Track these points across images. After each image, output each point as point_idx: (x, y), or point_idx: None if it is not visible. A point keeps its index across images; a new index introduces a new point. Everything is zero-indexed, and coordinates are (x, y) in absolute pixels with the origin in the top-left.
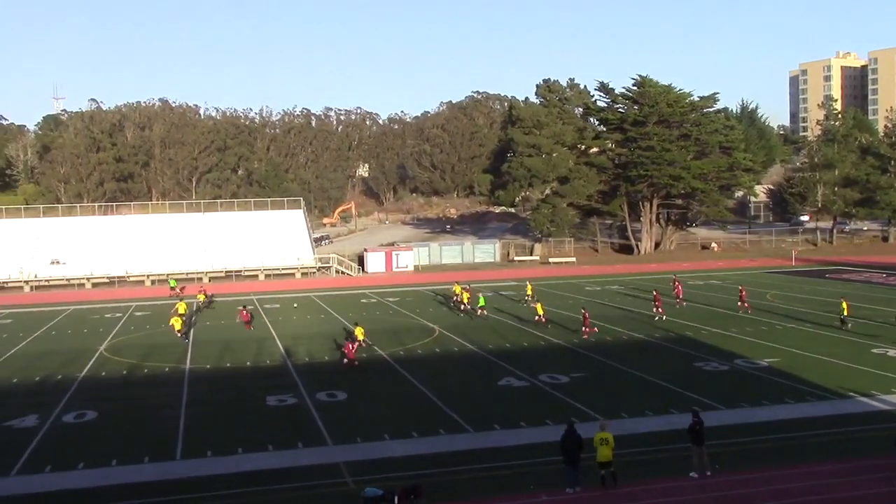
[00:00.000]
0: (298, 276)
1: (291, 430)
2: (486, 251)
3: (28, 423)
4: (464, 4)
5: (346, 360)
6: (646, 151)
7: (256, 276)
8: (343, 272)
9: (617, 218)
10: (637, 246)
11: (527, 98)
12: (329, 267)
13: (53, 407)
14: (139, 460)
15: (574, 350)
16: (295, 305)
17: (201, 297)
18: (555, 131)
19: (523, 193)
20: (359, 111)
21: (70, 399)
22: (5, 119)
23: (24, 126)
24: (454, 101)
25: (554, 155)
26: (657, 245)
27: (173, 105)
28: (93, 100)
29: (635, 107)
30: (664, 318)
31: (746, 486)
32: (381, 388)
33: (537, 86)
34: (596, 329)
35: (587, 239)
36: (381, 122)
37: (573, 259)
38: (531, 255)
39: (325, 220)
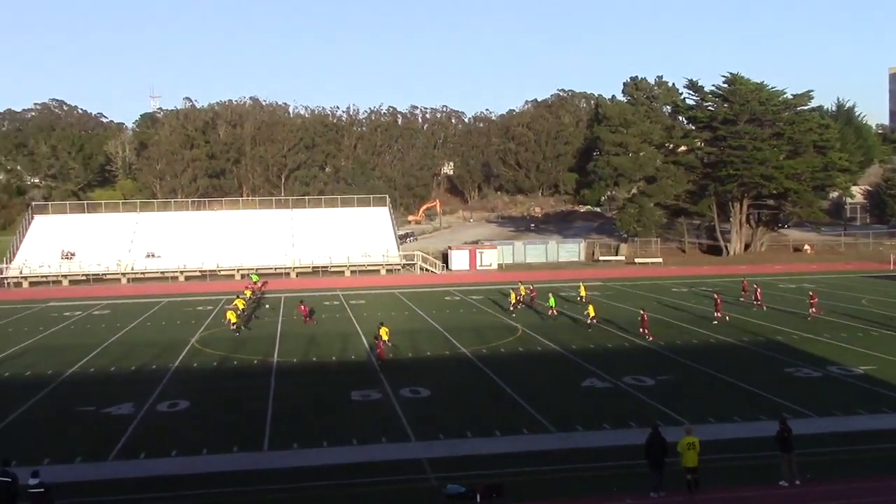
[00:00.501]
0: (383, 272)
1: (375, 426)
2: (570, 250)
3: (124, 410)
4: (548, 2)
5: (379, 360)
6: (736, 150)
7: (342, 272)
8: (427, 269)
9: (705, 218)
10: (726, 247)
11: (613, 96)
12: (413, 264)
13: (148, 395)
14: (228, 450)
15: (660, 352)
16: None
17: (248, 293)
18: (642, 130)
19: (609, 193)
20: (444, 109)
21: (164, 388)
22: (105, 117)
23: (123, 124)
24: (539, 100)
25: (641, 154)
26: (747, 246)
27: (264, 103)
28: (187, 98)
29: (725, 105)
30: (726, 318)
31: (838, 498)
32: (464, 386)
33: (624, 83)
34: (650, 336)
35: (674, 239)
36: (466, 120)
37: (660, 260)
38: (616, 255)
39: (411, 218)
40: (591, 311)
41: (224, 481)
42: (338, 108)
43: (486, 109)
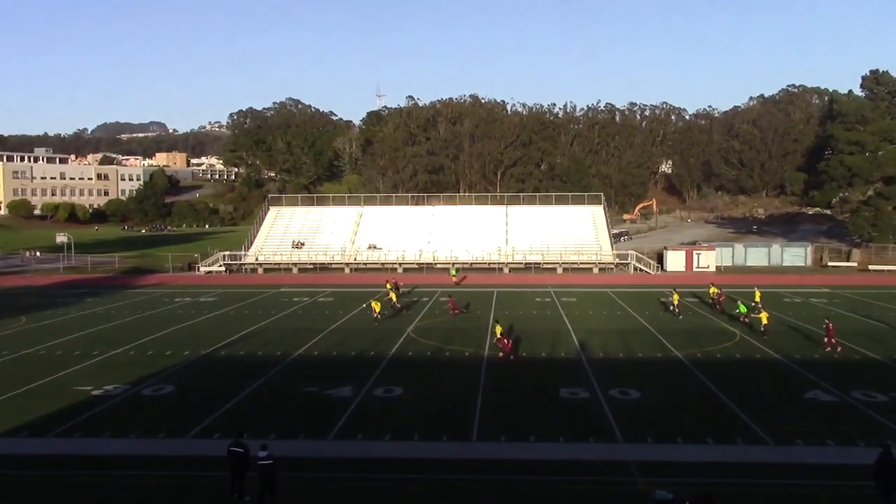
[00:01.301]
0: (596, 270)
1: (582, 424)
2: (795, 254)
3: (344, 393)
4: None
5: (501, 354)
6: None
7: (554, 269)
8: (641, 269)
9: None
10: None
11: (850, 91)
12: (627, 263)
13: (366, 380)
14: (438, 438)
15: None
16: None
17: (388, 286)
18: (882, 127)
19: (841, 194)
20: (664, 106)
21: (381, 374)
22: (335, 115)
23: (351, 121)
24: (766, 95)
25: (879, 153)
26: None
27: (483, 101)
28: (410, 97)
29: None
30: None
31: None
32: (676, 390)
33: (863, 77)
34: (839, 346)
35: None
36: (687, 117)
37: None
38: (848, 260)
39: (626, 216)
40: (763, 318)
41: (432, 468)
42: (555, 105)
43: (709, 106)
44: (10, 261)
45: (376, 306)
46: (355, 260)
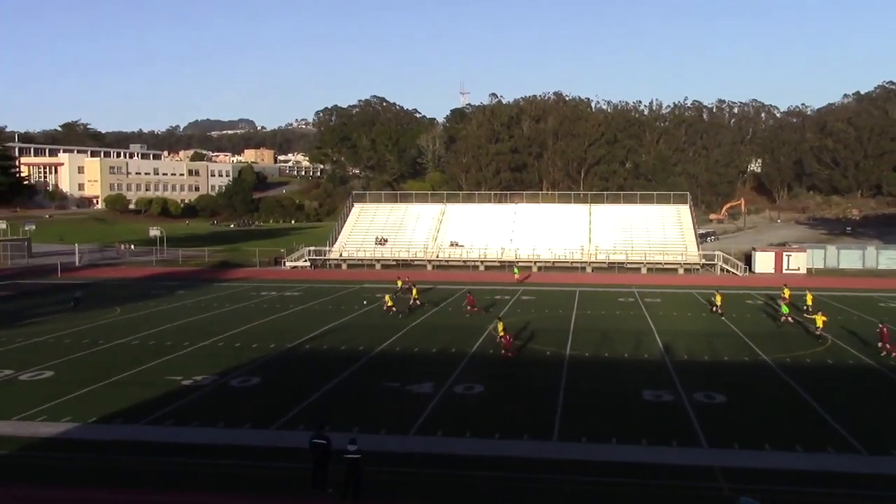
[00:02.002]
0: (681, 271)
1: (666, 427)
2: (892, 257)
3: (425, 389)
4: None
5: (504, 352)
6: None
7: (638, 268)
8: (728, 270)
9: None
10: None
11: None
12: (713, 264)
13: (447, 377)
14: (518, 436)
15: None
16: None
17: (399, 283)
18: None
19: None
20: (754, 103)
21: (461, 371)
22: (419, 113)
23: (434, 119)
24: (863, 93)
25: None
26: None
27: (567, 98)
28: (493, 94)
29: None
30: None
31: None
32: (764, 395)
33: None
34: (894, 353)
35: None
36: (778, 115)
37: None
38: None
39: (712, 216)
40: (818, 321)
41: (513, 467)
42: (640, 102)
43: (802, 104)
44: (106, 253)
45: (388, 300)
46: (437, 257)
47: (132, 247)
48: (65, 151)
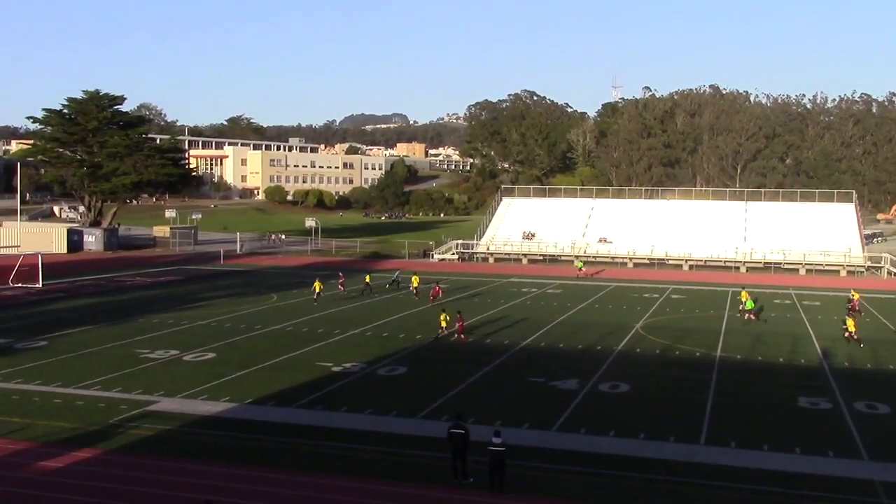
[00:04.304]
0: (843, 273)
1: (823, 437)
2: None
3: (569, 385)
4: None
5: (456, 336)
6: None
7: (797, 269)
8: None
9: None
10: None
11: None
12: (880, 267)
13: (592, 374)
14: (665, 438)
15: None
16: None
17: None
18: None
19: None
20: None
21: (607, 369)
22: (570, 107)
23: (585, 113)
24: None
25: None
26: None
27: (723, 91)
28: (647, 88)
29: None
30: None
31: None
32: None
33: None
34: None
35: None
36: None
37: None
38: None
39: (880, 216)
40: (850, 325)
41: (657, 468)
42: (803, 95)
43: None
44: (265, 242)
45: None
46: (585, 253)
47: (283, 237)
48: (229, 145)
